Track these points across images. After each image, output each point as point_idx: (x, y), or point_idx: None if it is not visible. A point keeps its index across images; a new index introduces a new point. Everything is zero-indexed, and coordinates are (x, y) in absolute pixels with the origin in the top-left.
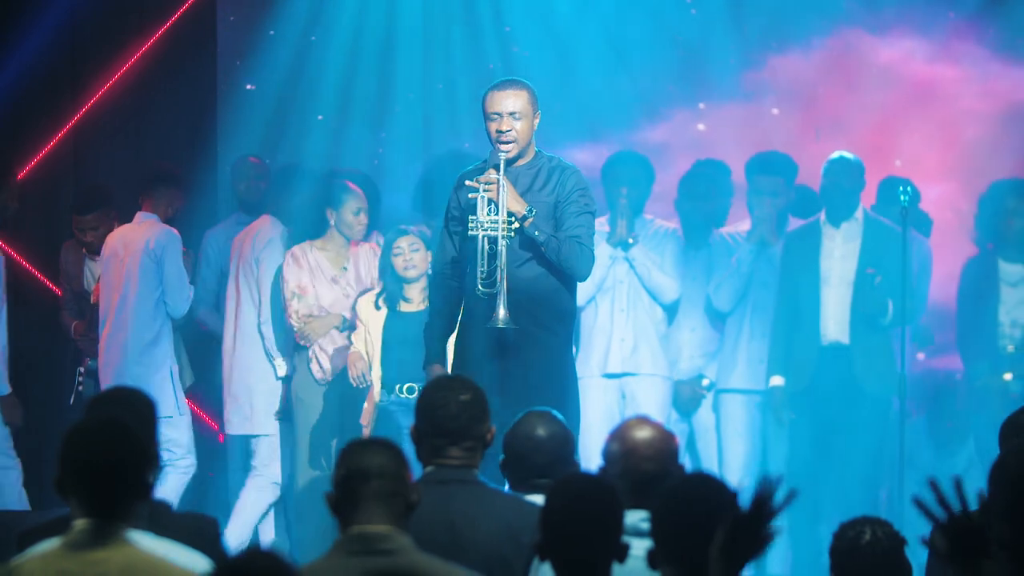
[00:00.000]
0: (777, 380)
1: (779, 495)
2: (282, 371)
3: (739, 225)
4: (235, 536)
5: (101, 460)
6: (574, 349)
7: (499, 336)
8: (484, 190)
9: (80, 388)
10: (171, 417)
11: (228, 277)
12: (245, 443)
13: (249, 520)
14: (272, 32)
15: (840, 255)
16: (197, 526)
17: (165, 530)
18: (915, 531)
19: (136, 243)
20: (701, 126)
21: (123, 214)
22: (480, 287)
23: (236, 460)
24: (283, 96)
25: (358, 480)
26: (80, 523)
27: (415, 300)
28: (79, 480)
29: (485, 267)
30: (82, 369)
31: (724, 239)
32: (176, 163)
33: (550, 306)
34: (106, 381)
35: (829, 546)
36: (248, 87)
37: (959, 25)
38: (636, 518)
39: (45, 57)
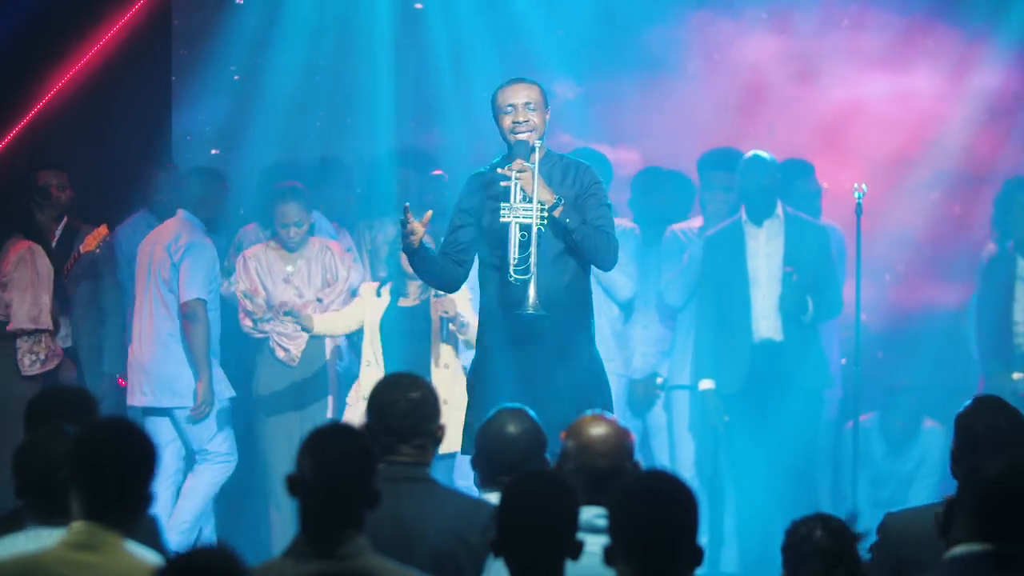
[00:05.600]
0: (707, 383)
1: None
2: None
3: (691, 222)
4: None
5: (112, 463)
6: None
7: (528, 323)
8: (516, 178)
9: None
10: None
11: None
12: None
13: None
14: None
15: (765, 253)
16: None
17: None
18: (867, 528)
19: None
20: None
21: (78, 211)
22: (513, 274)
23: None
24: (239, 92)
25: (317, 479)
26: (78, 525)
27: (412, 295)
28: (86, 482)
29: (517, 254)
30: None
31: (676, 235)
32: (132, 160)
33: (577, 298)
34: None
35: (781, 543)
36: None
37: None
38: (591, 514)
39: None
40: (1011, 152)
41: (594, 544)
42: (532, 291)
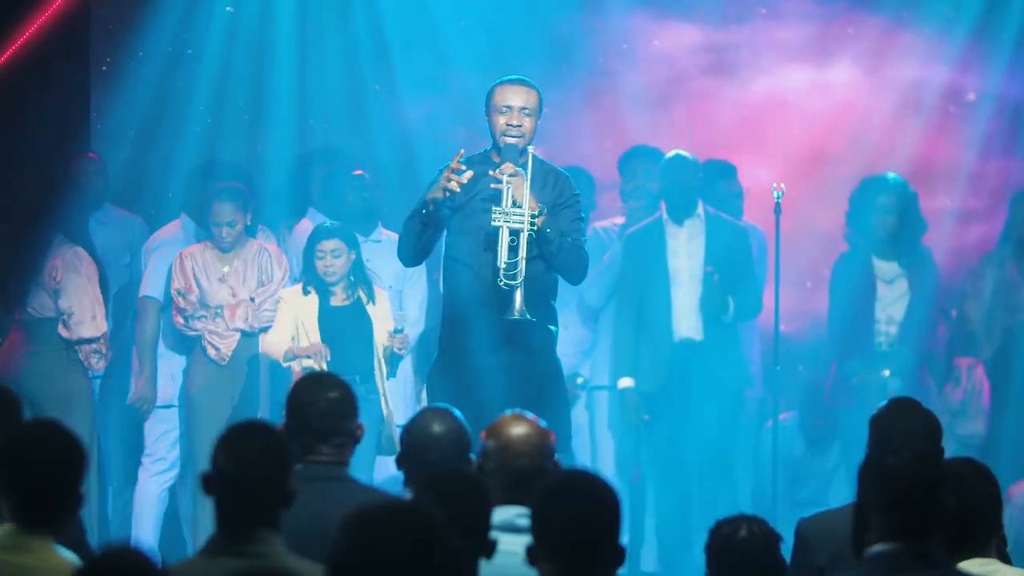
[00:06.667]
0: (626, 382)
1: None
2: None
3: (612, 219)
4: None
5: (40, 467)
6: None
7: (509, 327)
8: (507, 182)
9: None
10: None
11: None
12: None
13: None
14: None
15: (686, 253)
16: None
17: None
18: (789, 528)
19: None
20: None
21: None
22: (503, 279)
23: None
24: (159, 89)
25: (232, 477)
26: (6, 528)
27: (339, 296)
28: (13, 486)
29: (506, 259)
30: None
31: (597, 233)
32: (51, 157)
33: (549, 303)
34: None
35: (705, 542)
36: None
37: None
38: (511, 514)
39: None
40: (939, 149)
41: (516, 544)
42: (519, 297)
